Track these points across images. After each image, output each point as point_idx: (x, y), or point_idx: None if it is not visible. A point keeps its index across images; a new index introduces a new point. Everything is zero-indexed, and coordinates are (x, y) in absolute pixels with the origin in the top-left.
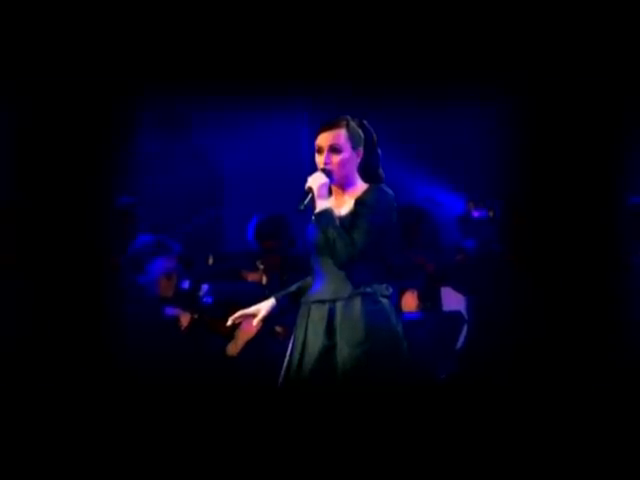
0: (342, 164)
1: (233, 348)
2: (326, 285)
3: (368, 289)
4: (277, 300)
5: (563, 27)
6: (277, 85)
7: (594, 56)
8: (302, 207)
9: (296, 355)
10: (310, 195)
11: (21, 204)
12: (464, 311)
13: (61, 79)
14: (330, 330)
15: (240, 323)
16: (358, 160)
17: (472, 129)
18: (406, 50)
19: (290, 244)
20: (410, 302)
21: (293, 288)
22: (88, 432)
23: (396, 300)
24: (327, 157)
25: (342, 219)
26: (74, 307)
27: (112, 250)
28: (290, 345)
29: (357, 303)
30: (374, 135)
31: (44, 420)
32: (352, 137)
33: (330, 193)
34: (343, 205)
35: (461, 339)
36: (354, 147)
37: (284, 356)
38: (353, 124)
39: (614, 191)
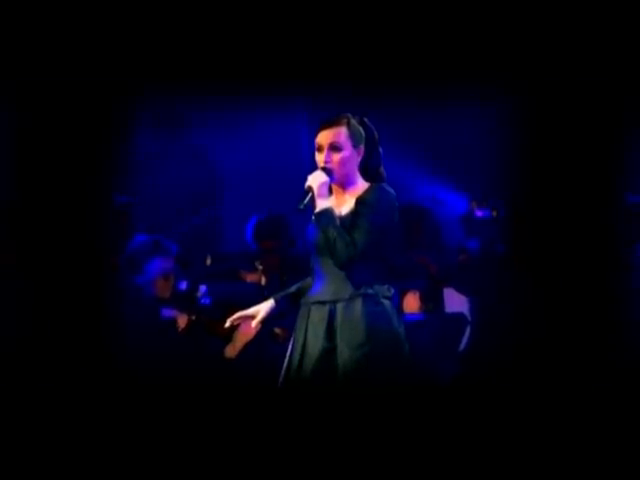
0: (343, 162)
1: (231, 350)
2: (326, 286)
3: (369, 290)
4: (276, 301)
5: (563, 27)
6: (277, 85)
7: (594, 56)
8: (302, 206)
9: (296, 357)
10: (310, 194)
11: (20, 204)
12: (467, 312)
13: (61, 79)
14: (330, 332)
15: (239, 325)
16: (359, 158)
17: (474, 128)
18: (406, 50)
19: (289, 244)
20: (412, 303)
21: (293, 289)
22: (86, 433)
23: (398, 301)
24: (327, 155)
25: (342, 219)
26: (71, 307)
27: (109, 250)
28: (290, 347)
29: (358, 304)
30: (375, 133)
31: (42, 420)
32: (353, 135)
33: (330, 192)
34: (344, 204)
35: (464, 341)
36: (355, 145)
37: (284, 358)
38: (354, 122)
39: (614, 191)
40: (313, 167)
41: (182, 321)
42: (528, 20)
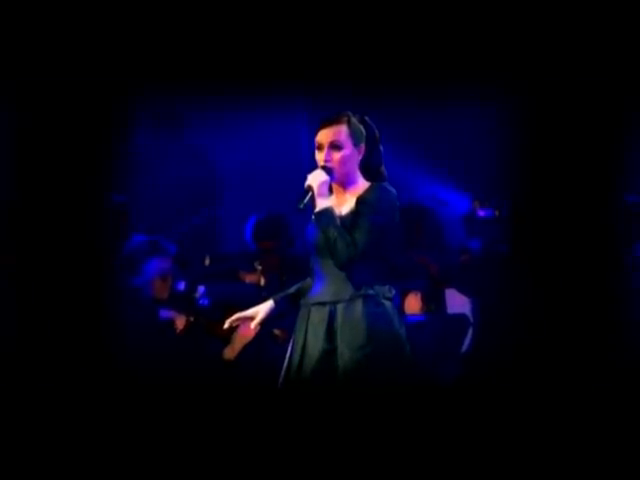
0: (343, 161)
1: (230, 352)
2: (326, 287)
3: (370, 291)
4: (276, 302)
5: (563, 27)
6: (277, 85)
7: (594, 56)
8: (302, 206)
9: (295, 359)
10: (310, 193)
11: (20, 204)
12: (469, 313)
13: (60, 79)
14: (330, 333)
15: (237, 326)
16: (359, 157)
17: (476, 128)
18: (407, 50)
19: (289, 244)
20: (413, 304)
21: (292, 290)
22: (83, 435)
23: (399, 302)
24: (327, 154)
25: (343, 218)
26: (69, 308)
27: (106, 250)
28: (289, 349)
29: (358, 305)
30: (376, 131)
31: (40, 419)
32: (353, 133)
33: (331, 191)
34: (344, 204)
35: (466, 342)
36: (355, 144)
37: (283, 360)
38: (354, 120)
39: (614, 191)
40: (313, 167)
41: (180, 322)
42: (528, 20)
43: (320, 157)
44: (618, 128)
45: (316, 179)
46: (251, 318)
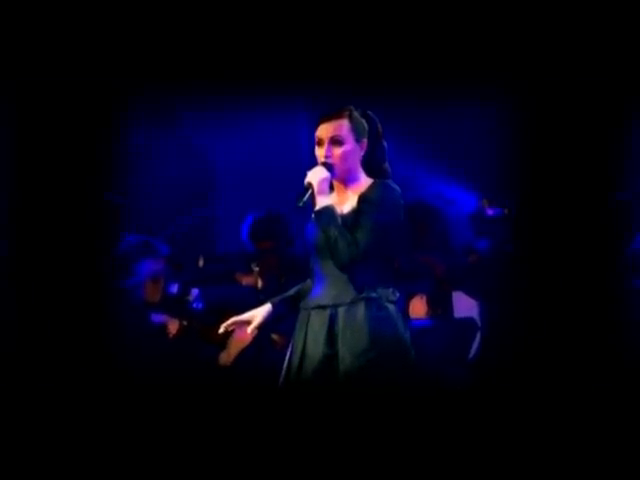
0: (344, 157)
1: (225, 357)
2: (327, 289)
3: (372, 293)
4: (274, 305)
5: (563, 27)
6: (277, 85)
7: (594, 56)
8: (301, 204)
9: (295, 364)
10: (310, 191)
11: (18, 203)
12: (477, 317)
13: (60, 79)
14: (331, 338)
15: (233, 331)
16: (362, 153)
17: (477, 128)
18: (408, 51)
19: (288, 244)
20: (418, 308)
21: (291, 292)
22: (77, 438)
23: (403, 305)
24: (328, 150)
25: (344, 217)
26: (64, 309)
27: (101, 250)
28: (288, 354)
29: (360, 309)
30: (379, 126)
31: (37, 419)
32: (355, 128)
33: (331, 189)
34: (345, 202)
35: (474, 347)
36: (357, 139)
37: (281, 366)
38: (356, 114)
39: (615, 190)
40: (313, 165)
41: (173, 327)
42: (528, 20)
43: (320, 153)
44: (618, 127)
45: (316, 176)
46: (248, 322)
